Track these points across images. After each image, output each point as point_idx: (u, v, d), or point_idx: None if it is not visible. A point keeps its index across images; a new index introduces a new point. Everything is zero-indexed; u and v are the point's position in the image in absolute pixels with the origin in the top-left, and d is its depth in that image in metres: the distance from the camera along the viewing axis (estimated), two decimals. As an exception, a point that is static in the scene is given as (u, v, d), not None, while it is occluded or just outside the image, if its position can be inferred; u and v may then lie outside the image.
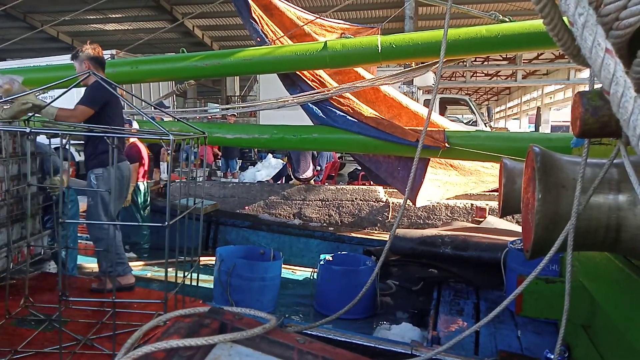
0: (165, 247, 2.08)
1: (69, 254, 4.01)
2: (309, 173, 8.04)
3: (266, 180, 9.29)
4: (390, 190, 7.36)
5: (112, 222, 3.00)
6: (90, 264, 4.79)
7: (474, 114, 11.77)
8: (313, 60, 4.42)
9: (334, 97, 4.71)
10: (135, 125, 5.57)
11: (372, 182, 7.76)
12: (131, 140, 5.90)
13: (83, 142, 3.57)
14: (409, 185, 2.34)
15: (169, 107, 10.10)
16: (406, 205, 6.27)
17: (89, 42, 3.43)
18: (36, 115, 2.92)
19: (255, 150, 13.27)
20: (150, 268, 5.43)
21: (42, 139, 3.57)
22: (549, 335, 3.00)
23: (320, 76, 4.85)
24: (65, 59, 4.14)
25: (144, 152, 6.37)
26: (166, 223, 2.10)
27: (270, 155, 11.74)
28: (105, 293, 2.98)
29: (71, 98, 3.04)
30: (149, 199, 6.50)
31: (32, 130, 2.24)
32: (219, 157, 11.23)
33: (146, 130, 4.27)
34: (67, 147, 2.30)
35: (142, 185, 6.31)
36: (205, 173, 8.39)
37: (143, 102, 9.26)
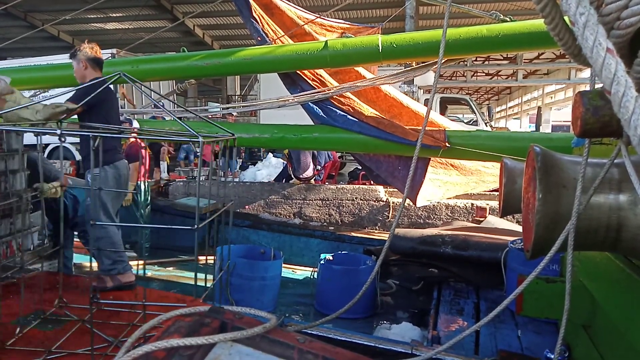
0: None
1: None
2: (309, 172, 8.03)
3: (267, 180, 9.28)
4: (391, 189, 7.35)
5: (143, 225, 3.01)
6: (89, 262, 4.78)
7: (475, 113, 11.74)
8: (314, 59, 4.41)
9: (334, 97, 4.70)
10: (135, 124, 5.57)
11: (372, 182, 7.75)
12: (131, 139, 5.90)
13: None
14: (407, 183, 2.33)
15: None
16: (406, 205, 6.27)
17: (87, 41, 3.43)
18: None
19: (264, 150, 13.26)
20: (151, 267, 5.43)
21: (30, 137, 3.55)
22: (549, 335, 3.00)
23: (320, 75, 4.85)
24: (65, 58, 4.14)
25: (144, 151, 6.37)
26: (195, 226, 2.11)
27: (270, 154, 11.73)
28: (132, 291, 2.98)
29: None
30: (149, 198, 6.50)
31: (63, 132, 2.27)
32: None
33: (173, 131, 4.26)
34: (98, 148, 2.32)
35: (143, 185, 6.31)
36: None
37: (145, 100, 9.25)
